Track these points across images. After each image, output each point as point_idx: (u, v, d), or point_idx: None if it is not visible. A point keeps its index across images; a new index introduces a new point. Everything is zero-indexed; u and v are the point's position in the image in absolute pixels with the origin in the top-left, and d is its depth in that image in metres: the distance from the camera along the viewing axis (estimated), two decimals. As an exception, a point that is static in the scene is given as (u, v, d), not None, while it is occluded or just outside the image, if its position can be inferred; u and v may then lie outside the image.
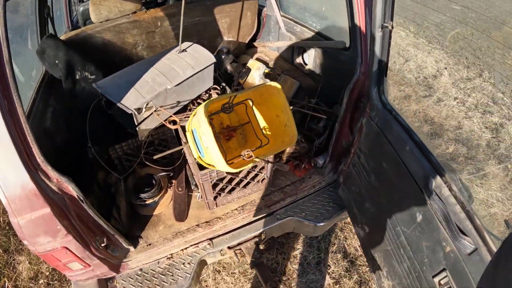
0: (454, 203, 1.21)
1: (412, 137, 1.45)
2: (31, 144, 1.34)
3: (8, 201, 1.34)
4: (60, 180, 1.44)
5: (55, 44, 2.35)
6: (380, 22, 1.49)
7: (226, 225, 2.04)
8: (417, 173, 1.40)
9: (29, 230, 1.40)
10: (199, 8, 2.73)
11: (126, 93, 1.86)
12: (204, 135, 1.53)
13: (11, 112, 1.27)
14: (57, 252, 1.54)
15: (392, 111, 1.60)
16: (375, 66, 1.63)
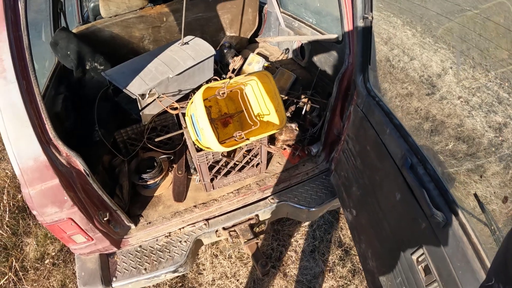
0: (428, 180, 1.29)
1: (392, 120, 1.54)
2: (45, 120, 1.48)
3: (22, 172, 1.46)
4: (69, 155, 1.57)
5: (67, 37, 2.51)
6: (361, 13, 1.61)
7: (221, 207, 2.15)
8: (396, 153, 1.47)
9: (38, 200, 1.52)
10: (201, 4, 2.85)
11: (131, 81, 2.00)
12: (199, 117, 1.66)
13: (28, 91, 1.41)
14: (63, 223, 1.65)
15: (375, 97, 1.69)
16: (359, 55, 1.73)
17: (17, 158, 1.43)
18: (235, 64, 2.27)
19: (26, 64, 1.42)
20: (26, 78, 1.42)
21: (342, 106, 2.08)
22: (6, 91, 1.37)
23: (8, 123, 1.38)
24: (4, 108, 1.37)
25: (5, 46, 1.36)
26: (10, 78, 1.37)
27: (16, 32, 1.40)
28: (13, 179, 3.67)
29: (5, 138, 1.40)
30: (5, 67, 1.36)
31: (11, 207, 3.43)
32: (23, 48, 1.42)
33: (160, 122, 2.33)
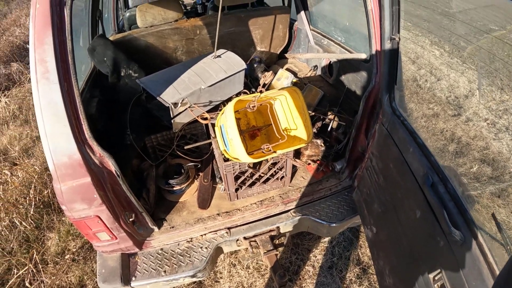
0: (449, 199, 1.30)
1: (415, 139, 1.56)
2: (82, 121, 1.55)
3: (55, 167, 1.51)
4: (102, 155, 1.63)
5: (105, 44, 2.64)
6: (389, 34, 1.65)
7: (244, 217, 2.18)
8: (418, 171, 1.49)
9: (69, 196, 1.58)
10: (234, 19, 2.94)
11: (165, 89, 2.08)
12: (229, 128, 1.72)
13: (69, 92, 1.49)
14: (90, 220, 1.71)
15: (400, 117, 1.72)
16: (386, 75, 1.77)
17: (52, 154, 1.49)
18: (265, 79, 2.33)
19: (69, 67, 1.50)
20: (68, 80, 1.49)
21: (367, 124, 2.11)
22: (48, 91, 1.44)
23: (47, 120, 1.45)
24: (45, 106, 1.44)
25: (50, 49, 1.44)
26: (53, 79, 1.44)
27: (61, 37, 1.48)
28: (40, 175, 3.81)
29: (42, 134, 1.47)
30: (48, 69, 1.44)
31: (37, 202, 3.56)
32: (67, 52, 1.50)
33: (189, 131, 2.41)
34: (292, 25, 3.38)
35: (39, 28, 1.45)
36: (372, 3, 1.87)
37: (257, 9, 3.08)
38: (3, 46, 7.47)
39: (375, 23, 1.88)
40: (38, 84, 1.44)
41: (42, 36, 1.44)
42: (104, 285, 1.94)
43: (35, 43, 1.45)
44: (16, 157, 4.28)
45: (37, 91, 1.45)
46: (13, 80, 6.28)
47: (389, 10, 1.64)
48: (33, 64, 1.45)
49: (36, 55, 1.44)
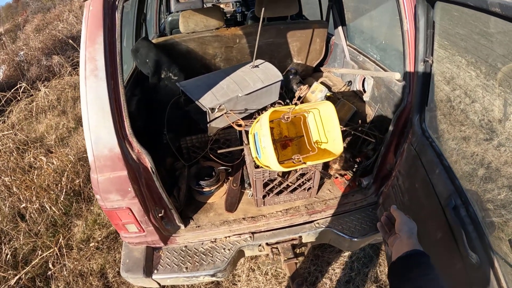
0: (469, 222, 1.33)
1: (442, 162, 1.59)
2: (125, 118, 1.64)
3: (95, 158, 1.60)
4: (140, 151, 1.72)
5: (148, 46, 2.76)
6: (423, 56, 1.69)
7: (269, 223, 2.22)
8: (442, 193, 1.51)
9: (105, 186, 1.66)
10: (273, 30, 3.01)
11: (204, 94, 2.17)
12: (263, 136, 1.78)
13: (115, 90, 1.59)
14: (121, 211, 1.79)
15: (429, 138, 1.75)
16: (418, 95, 1.81)
17: (93, 145, 1.58)
18: (301, 92, 2.38)
19: (116, 66, 1.59)
20: (114, 79, 1.59)
21: (397, 142, 2.13)
22: (96, 87, 1.53)
23: (92, 114, 1.54)
24: (91, 101, 1.54)
25: (101, 48, 1.53)
26: (101, 76, 1.53)
27: (111, 38, 1.58)
28: (74, 165, 3.98)
29: (86, 126, 1.56)
30: (97, 66, 1.53)
31: (68, 190, 3.71)
32: (115, 53, 1.59)
33: (223, 136, 2.49)
34: (329, 39, 3.43)
35: (91, 29, 1.54)
36: (408, 24, 1.92)
37: (296, 22, 3.15)
38: (46, 39, 7.86)
39: (410, 44, 1.92)
40: (87, 80, 1.53)
41: (94, 36, 1.54)
42: (126, 274, 2.01)
43: (86, 42, 1.54)
44: (51, 145, 4.49)
45: (85, 86, 1.54)
46: (53, 72, 6.60)
47: (424, 32, 1.68)
48: (83, 61, 1.54)
49: (87, 53, 1.54)
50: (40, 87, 5.66)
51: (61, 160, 3.94)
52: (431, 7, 1.60)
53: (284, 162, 1.88)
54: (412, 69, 1.94)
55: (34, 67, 6.55)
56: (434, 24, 1.65)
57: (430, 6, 1.59)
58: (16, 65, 6.70)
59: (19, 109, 5.35)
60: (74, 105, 5.61)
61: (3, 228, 3.36)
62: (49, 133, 4.87)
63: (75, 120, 5.16)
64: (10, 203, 3.59)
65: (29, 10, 13.20)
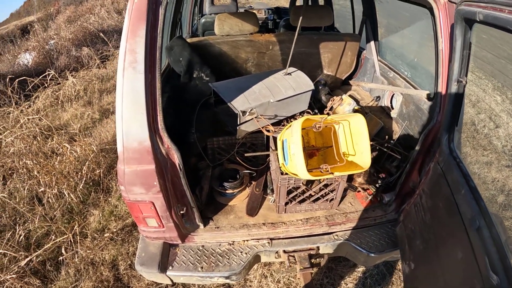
0: (491, 244, 1.31)
1: (468, 182, 1.56)
2: (158, 112, 1.65)
3: (124, 149, 1.61)
4: (170, 147, 1.72)
5: (183, 45, 2.81)
6: (457, 76, 1.68)
7: (288, 231, 2.22)
8: (466, 214, 1.49)
9: (130, 178, 1.66)
10: (306, 40, 3.02)
11: (236, 97, 2.20)
12: (294, 144, 1.79)
13: (151, 84, 1.60)
14: (144, 204, 1.79)
15: (456, 158, 1.73)
16: (448, 115, 1.79)
17: (124, 137, 1.58)
18: (333, 103, 2.40)
19: (155, 61, 1.60)
20: (152, 73, 1.59)
21: (422, 161, 2.11)
22: (133, 79, 1.54)
23: (126, 105, 1.55)
24: (127, 92, 1.55)
25: (142, 41, 1.54)
26: (140, 69, 1.54)
27: (153, 33, 1.59)
28: (96, 155, 4.05)
29: (118, 117, 1.57)
30: (137, 59, 1.54)
31: (87, 179, 3.78)
32: (156, 47, 1.60)
33: (250, 140, 2.50)
34: (360, 53, 3.44)
35: (134, 21, 1.55)
36: (444, 44, 1.92)
37: (329, 34, 3.17)
38: (77, 31, 8.06)
39: (443, 63, 1.92)
40: (125, 72, 1.55)
41: (136, 28, 1.55)
42: (141, 267, 2.01)
43: (128, 34, 1.55)
44: (75, 134, 4.59)
45: (122, 77, 1.55)
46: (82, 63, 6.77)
47: (460, 53, 1.67)
48: (123, 53, 1.55)
49: (127, 45, 1.55)
50: (68, 76, 5.80)
51: (84, 149, 4.02)
52: (469, 28, 1.59)
53: (311, 171, 1.89)
54: (444, 89, 1.93)
55: (63, 56, 6.73)
56: (471, 45, 1.65)
57: (468, 27, 1.59)
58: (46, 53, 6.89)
59: (45, 95, 5.48)
60: (100, 97, 5.73)
61: (20, 209, 3.43)
62: (74, 122, 4.99)
63: (100, 112, 5.27)
64: (29, 186, 3.67)
65: (61, 1, 13.60)
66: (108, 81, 6.33)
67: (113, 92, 5.99)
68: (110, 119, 5.16)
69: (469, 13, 1.44)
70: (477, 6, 1.38)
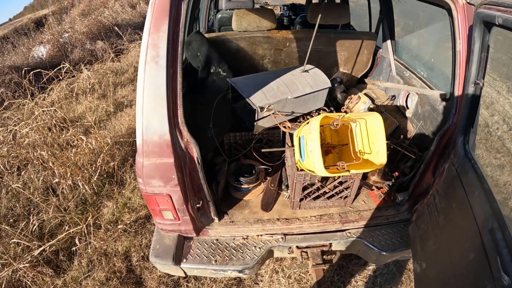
0: (504, 245, 1.32)
1: (482, 184, 1.57)
2: (179, 106, 1.67)
3: (144, 143, 1.62)
4: (189, 141, 1.74)
5: (201, 40, 2.83)
6: (474, 78, 1.68)
7: (302, 227, 2.24)
8: (479, 216, 1.50)
9: (149, 171, 1.68)
10: (323, 38, 3.03)
11: (254, 93, 2.22)
12: (312, 141, 1.81)
13: (173, 78, 1.62)
14: (161, 197, 1.81)
15: (471, 160, 1.74)
16: (464, 117, 1.80)
17: (144, 129, 1.60)
18: (351, 101, 2.41)
19: (177, 56, 1.62)
20: (174, 68, 1.61)
21: (436, 162, 2.12)
22: (155, 74, 1.56)
23: (147, 99, 1.57)
24: (148, 86, 1.57)
25: (164, 36, 1.56)
26: (162, 63, 1.56)
27: (175, 28, 1.61)
28: (111, 148, 4.09)
29: (139, 110, 1.59)
30: (159, 54, 1.56)
31: (102, 171, 3.82)
32: (178, 42, 1.61)
33: (267, 136, 2.53)
34: (377, 52, 3.43)
35: (157, 16, 1.57)
36: (461, 45, 1.92)
37: (346, 32, 3.17)
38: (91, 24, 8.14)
39: (461, 65, 1.92)
40: (146, 66, 1.56)
41: (159, 23, 1.56)
42: (155, 259, 2.04)
43: (150, 28, 1.57)
44: (89, 126, 4.65)
45: (143, 71, 1.57)
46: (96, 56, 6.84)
47: (478, 55, 1.67)
48: (145, 47, 1.57)
49: (149, 39, 1.57)
50: (83, 69, 5.86)
51: (99, 141, 4.07)
52: (487, 31, 1.59)
53: (328, 168, 1.90)
54: (460, 90, 1.93)
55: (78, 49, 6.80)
56: (489, 48, 1.65)
57: (487, 30, 1.59)
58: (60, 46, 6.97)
59: (60, 88, 5.55)
60: (114, 90, 5.78)
61: (34, 199, 3.49)
62: (88, 114, 5.05)
63: (115, 105, 5.33)
64: (44, 177, 3.73)
65: (75, -6, 13.74)
66: (122, 74, 6.38)
67: (127, 85, 6.05)
68: (125, 112, 5.21)
69: (488, 16, 1.44)
70: (497, 10, 1.39)
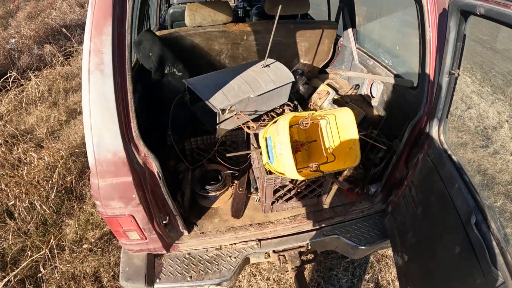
0: (490, 239, 1.31)
1: (462, 176, 1.55)
2: (131, 119, 1.49)
3: (96, 162, 1.45)
4: (147, 155, 1.58)
5: (152, 39, 2.61)
6: (449, 69, 1.63)
7: (276, 230, 2.16)
8: (462, 208, 1.48)
9: (106, 192, 1.53)
10: (283, 30, 2.90)
11: (214, 94, 2.06)
12: (280, 143, 1.70)
13: (122, 87, 1.44)
14: (123, 218, 1.66)
15: (447, 150, 1.71)
16: (439, 107, 1.75)
17: (95, 148, 1.43)
18: (320, 97, 2.31)
19: (125, 61, 1.44)
20: (122, 75, 1.44)
21: (408, 152, 2.07)
22: (101, 84, 1.38)
23: (95, 114, 1.39)
24: (94, 99, 1.39)
25: (108, 40, 1.38)
26: (107, 72, 1.38)
27: (120, 29, 1.42)
28: (66, 160, 3.82)
29: (87, 127, 1.41)
30: (104, 61, 1.38)
31: (59, 187, 3.56)
32: (124, 46, 1.43)
33: (230, 138, 2.39)
34: (337, 41, 3.36)
35: (98, 17, 1.39)
36: (431, 34, 1.85)
37: (306, 22, 3.06)
38: (38, 27, 7.59)
39: (431, 54, 1.86)
40: (90, 76, 1.38)
41: (101, 25, 1.38)
42: (127, 283, 1.90)
43: (92, 31, 1.38)
44: (42, 139, 4.31)
45: (88, 82, 1.39)
46: (45, 61, 6.38)
47: (453, 45, 1.62)
48: (87, 54, 1.38)
49: (91, 44, 1.38)
50: (31, 77, 5.44)
51: (52, 155, 3.78)
52: (464, 20, 1.53)
53: (300, 170, 1.80)
54: (431, 79, 1.88)
55: (25, 55, 6.30)
56: (465, 38, 1.59)
57: (463, 19, 1.53)
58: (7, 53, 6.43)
59: (8, 99, 5.12)
60: (66, 96, 5.42)
61: (-10, 227, 3.20)
62: (40, 125, 4.69)
63: (67, 113, 4.99)
64: (-2, 200, 3.43)
65: (19, -4, 12.76)
66: (73, 79, 6.00)
67: (79, 90, 5.68)
68: (78, 120, 4.90)
69: (467, 5, 1.38)
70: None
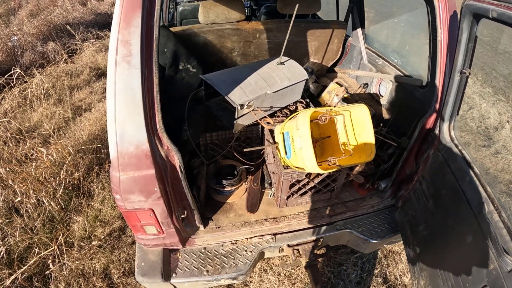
0: (502, 227, 1.38)
1: (473, 169, 1.64)
2: (157, 111, 1.49)
3: (119, 155, 1.44)
4: (170, 148, 1.58)
5: (167, 35, 2.63)
6: (460, 68, 1.70)
7: (290, 225, 2.18)
8: (473, 200, 1.55)
9: (127, 186, 1.51)
10: (294, 28, 2.86)
11: (232, 90, 2.09)
12: (300, 137, 1.73)
13: (148, 80, 1.44)
14: (142, 212, 1.66)
15: (458, 146, 1.79)
16: (449, 105, 1.82)
17: (118, 140, 1.42)
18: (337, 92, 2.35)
19: (152, 54, 1.43)
20: (149, 67, 1.43)
21: (418, 148, 2.14)
22: (127, 75, 1.37)
23: (120, 105, 1.39)
24: (120, 90, 1.38)
25: (137, 31, 1.37)
26: (135, 63, 1.38)
27: (149, 22, 1.42)
28: (74, 157, 3.82)
29: (111, 119, 1.40)
30: (132, 52, 1.37)
31: (67, 183, 3.54)
32: (152, 38, 1.43)
33: (245, 134, 2.42)
34: (346, 40, 3.41)
35: (128, 8, 1.37)
36: (443, 35, 1.91)
37: (316, 21, 3.10)
38: (40, 25, 7.56)
39: (442, 54, 1.92)
40: (117, 67, 1.38)
41: (130, 17, 1.37)
42: (142, 278, 1.89)
43: (120, 23, 1.37)
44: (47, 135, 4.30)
45: (114, 73, 1.38)
46: (48, 58, 6.36)
47: (465, 45, 1.68)
48: (114, 45, 1.38)
49: (119, 36, 1.37)
50: (35, 74, 5.43)
51: (60, 152, 3.77)
52: (476, 23, 1.60)
53: (319, 164, 1.83)
54: (442, 78, 1.94)
55: (28, 53, 6.27)
56: (476, 39, 1.66)
57: (475, 21, 1.59)
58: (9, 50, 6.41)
59: (12, 96, 5.10)
60: (70, 93, 5.41)
61: (-3, 223, 3.18)
62: (45, 122, 4.68)
63: (72, 110, 4.98)
64: (4, 196, 3.40)
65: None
66: (77, 76, 5.99)
67: (83, 88, 5.68)
68: (84, 117, 4.89)
69: (480, 9, 1.43)
70: (489, 4, 1.37)
